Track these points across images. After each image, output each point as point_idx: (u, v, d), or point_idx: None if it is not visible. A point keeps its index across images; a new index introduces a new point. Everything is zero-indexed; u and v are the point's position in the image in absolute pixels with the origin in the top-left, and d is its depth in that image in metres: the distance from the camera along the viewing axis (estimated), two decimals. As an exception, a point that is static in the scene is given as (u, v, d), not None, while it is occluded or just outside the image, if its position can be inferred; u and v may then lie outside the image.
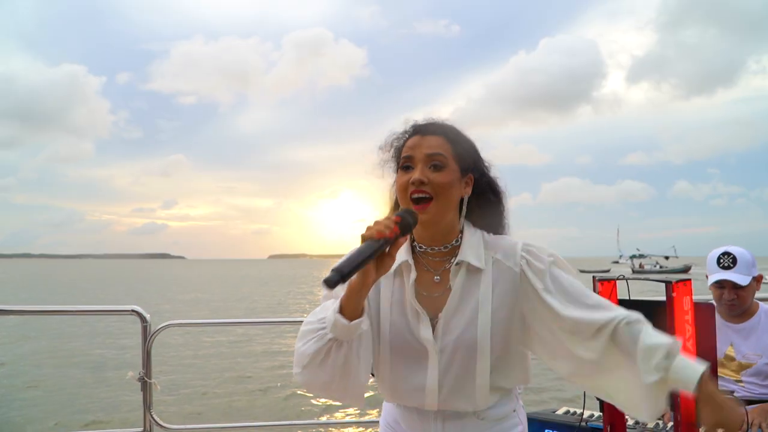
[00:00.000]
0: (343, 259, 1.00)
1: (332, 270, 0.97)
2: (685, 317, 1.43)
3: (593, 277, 1.48)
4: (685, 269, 65.30)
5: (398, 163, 1.22)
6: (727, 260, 2.12)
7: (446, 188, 1.16)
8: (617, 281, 1.42)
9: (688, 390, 1.01)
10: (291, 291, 35.50)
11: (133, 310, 2.50)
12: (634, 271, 67.29)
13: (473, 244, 1.20)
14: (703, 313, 1.49)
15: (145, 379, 2.40)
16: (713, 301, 2.18)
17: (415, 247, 1.24)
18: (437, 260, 1.22)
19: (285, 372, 9.16)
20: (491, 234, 1.25)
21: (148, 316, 2.47)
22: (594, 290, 1.44)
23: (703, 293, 2.22)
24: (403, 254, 1.22)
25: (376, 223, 1.06)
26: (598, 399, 1.65)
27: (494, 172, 1.26)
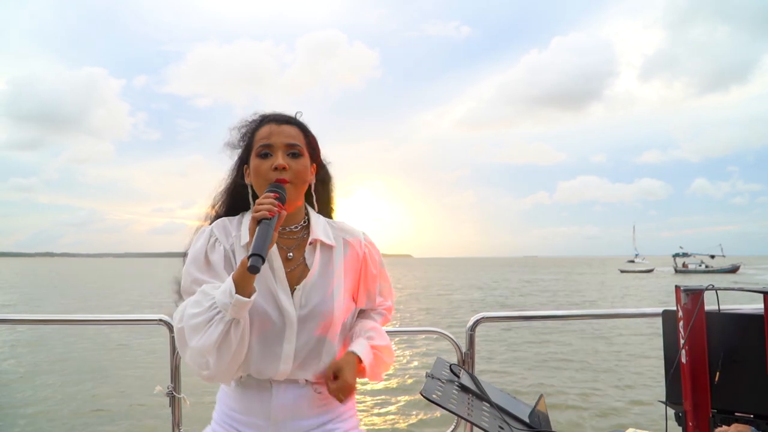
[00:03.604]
0: (254, 244, 1.10)
1: (252, 256, 1.07)
2: (789, 333, 1.20)
3: (676, 286, 1.26)
4: (734, 269, 62.26)
5: (249, 150, 1.32)
6: None
7: (302, 175, 1.29)
8: (704, 291, 1.20)
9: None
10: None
11: (160, 320, 2.38)
12: (676, 271, 64.59)
13: (320, 225, 1.37)
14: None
15: (174, 393, 2.28)
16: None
17: None
18: (287, 239, 1.33)
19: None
20: (329, 219, 1.44)
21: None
22: (678, 302, 1.22)
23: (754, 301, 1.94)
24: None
25: (261, 203, 1.15)
26: (678, 422, 1.42)
27: (326, 163, 1.44)
